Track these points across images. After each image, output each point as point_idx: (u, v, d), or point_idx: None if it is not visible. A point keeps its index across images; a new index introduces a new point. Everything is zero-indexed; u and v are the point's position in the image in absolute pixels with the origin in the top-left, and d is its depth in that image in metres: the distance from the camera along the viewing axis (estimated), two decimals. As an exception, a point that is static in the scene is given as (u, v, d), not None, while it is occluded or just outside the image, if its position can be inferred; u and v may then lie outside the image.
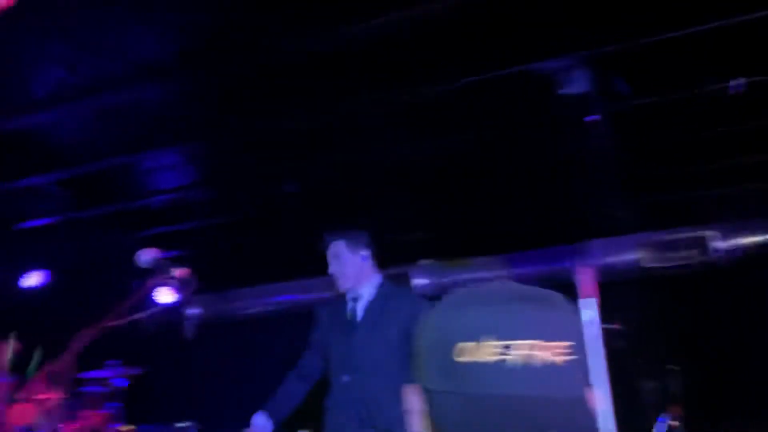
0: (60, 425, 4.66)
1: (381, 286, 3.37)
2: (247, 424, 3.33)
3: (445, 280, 6.63)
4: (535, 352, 0.74)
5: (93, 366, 5.46)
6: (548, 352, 0.74)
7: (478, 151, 5.50)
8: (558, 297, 0.81)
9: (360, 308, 3.30)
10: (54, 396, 2.12)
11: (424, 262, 6.89)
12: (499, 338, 0.74)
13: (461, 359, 0.75)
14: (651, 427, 4.59)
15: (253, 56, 4.12)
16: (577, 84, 4.08)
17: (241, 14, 3.79)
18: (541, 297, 0.80)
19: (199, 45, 4.08)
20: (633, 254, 5.95)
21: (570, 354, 0.75)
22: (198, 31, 4.02)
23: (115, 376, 5.57)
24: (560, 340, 0.75)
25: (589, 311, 3.10)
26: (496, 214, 6.63)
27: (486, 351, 0.74)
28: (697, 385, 5.33)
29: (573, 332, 0.77)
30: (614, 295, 3.66)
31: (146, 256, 2.47)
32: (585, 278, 3.02)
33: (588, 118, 4.25)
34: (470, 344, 0.75)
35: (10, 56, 4.19)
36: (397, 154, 5.53)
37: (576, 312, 0.81)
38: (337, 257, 3.33)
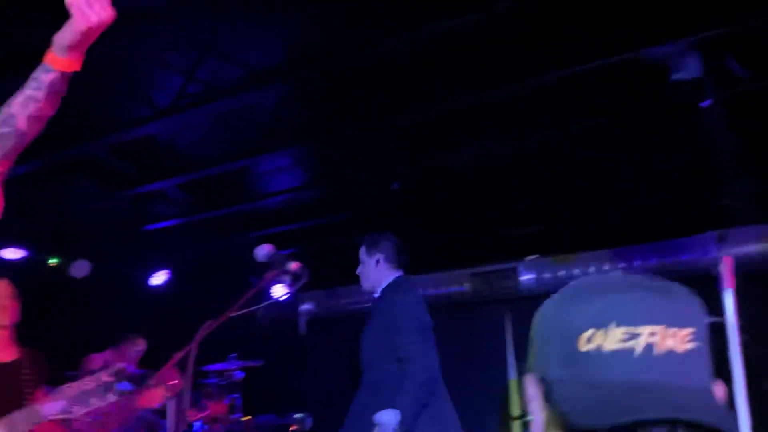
0: (187, 411, 4.96)
1: (387, 286, 3.62)
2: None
3: (550, 276, 6.51)
4: (660, 339, 0.74)
5: (214, 359, 5.75)
6: (672, 339, 0.74)
7: (588, 142, 5.37)
8: (678, 286, 0.81)
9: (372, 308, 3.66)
10: (181, 383, 2.28)
11: (530, 257, 6.80)
12: (625, 325, 0.75)
13: (586, 348, 0.76)
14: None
15: (360, 57, 4.23)
16: (690, 69, 3.92)
17: (348, 17, 3.90)
18: (663, 286, 0.80)
19: (308, 49, 4.23)
20: (759, 245, 5.62)
21: (693, 341, 0.75)
22: (308, 35, 4.17)
23: (234, 369, 5.83)
24: (684, 327, 0.75)
25: (728, 302, 2.99)
26: (606, 206, 6.45)
27: (612, 338, 0.75)
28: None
29: (695, 320, 0.78)
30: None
31: (263, 251, 2.59)
32: (726, 268, 2.91)
33: (702, 104, 4.06)
34: (597, 332, 0.76)
35: (132, 68, 4.51)
36: (505, 149, 5.49)
37: (698, 301, 0.80)
38: (360, 261, 3.72)
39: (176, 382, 2.25)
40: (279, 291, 6.29)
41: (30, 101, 1.76)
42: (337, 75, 4.52)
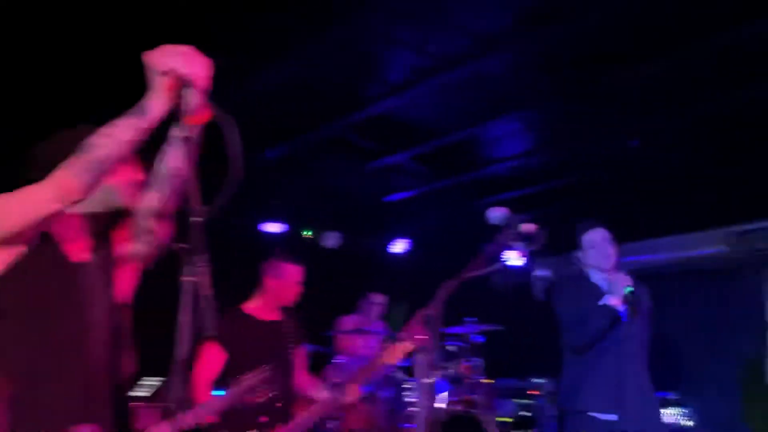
0: (433, 367, 5.21)
1: None
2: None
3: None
4: None
5: (454, 323, 5.95)
6: None
7: None
8: None
9: None
10: (427, 338, 2.42)
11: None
12: None
13: None
14: None
15: (585, 18, 4.07)
16: None
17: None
18: None
19: (534, 13, 4.15)
20: None
21: None
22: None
23: (474, 332, 5.98)
24: None
25: None
26: None
27: None
28: None
29: None
30: None
31: (496, 213, 2.63)
32: None
33: None
34: None
35: (365, 49, 4.77)
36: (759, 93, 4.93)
37: None
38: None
39: (423, 337, 2.39)
40: (513, 256, 6.30)
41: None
42: (561, 35, 4.39)
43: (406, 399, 5.39)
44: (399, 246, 8.20)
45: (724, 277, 6.35)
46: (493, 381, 6.52)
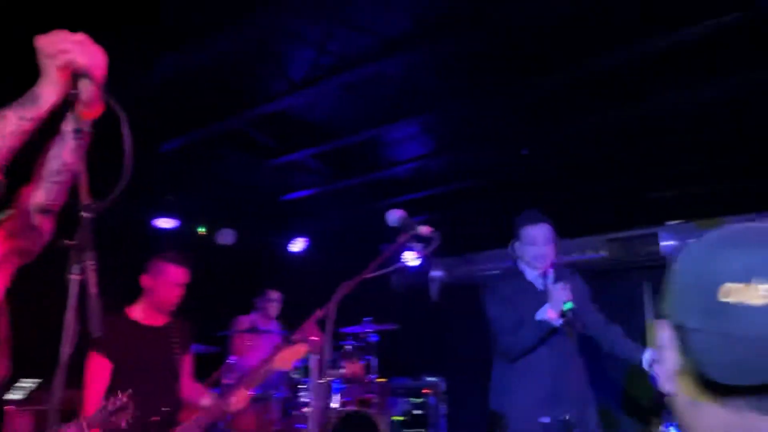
0: (327, 369, 5.20)
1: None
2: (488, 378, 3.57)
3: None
4: None
5: (350, 323, 5.98)
6: None
7: (741, 99, 5.01)
8: None
9: None
10: (321, 339, 2.41)
11: (672, 222, 6.48)
12: None
13: (727, 299, 0.75)
14: None
15: (487, 27, 4.18)
16: None
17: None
18: None
19: (436, 16, 4.22)
20: None
21: None
22: (436, 3, 4.16)
23: (369, 332, 6.03)
24: None
25: None
26: (755, 168, 6.01)
27: (756, 293, 0.73)
28: None
29: None
30: None
31: (395, 215, 2.66)
32: None
33: None
34: (739, 285, 0.74)
35: (268, 44, 4.71)
36: (645, 111, 5.24)
37: None
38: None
39: (317, 338, 2.38)
40: (410, 257, 6.40)
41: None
42: (465, 42, 4.49)
43: (300, 399, 5.37)
44: (297, 245, 8.15)
45: (606, 280, 6.68)
46: (386, 380, 6.60)
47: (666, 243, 6.42)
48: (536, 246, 3.40)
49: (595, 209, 6.87)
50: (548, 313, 3.17)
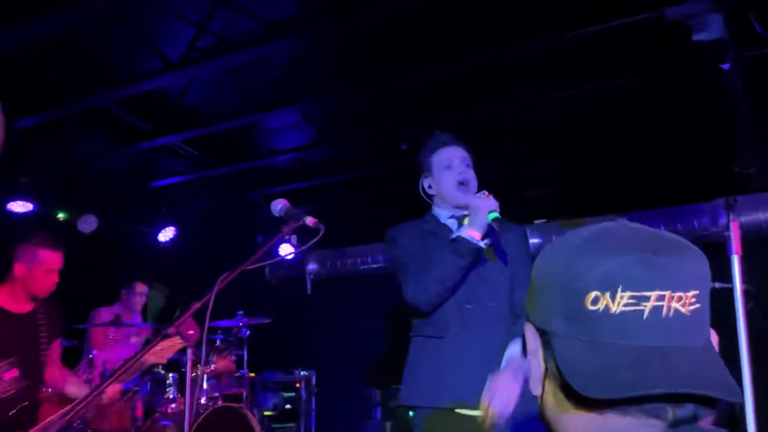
0: (197, 366, 5.01)
1: None
2: (361, 376, 3.44)
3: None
4: (667, 303, 0.74)
5: (221, 316, 5.79)
6: (678, 303, 0.74)
7: (601, 104, 5.31)
8: (687, 243, 0.80)
9: None
10: (197, 333, 2.29)
11: (538, 221, 6.78)
12: (634, 289, 0.74)
13: (594, 308, 0.75)
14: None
15: (373, 13, 4.15)
16: (712, 30, 3.84)
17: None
18: (672, 244, 0.79)
19: (325, 3, 4.15)
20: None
21: (696, 303, 0.75)
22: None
23: (241, 326, 5.87)
24: (689, 290, 0.75)
25: (735, 268, 2.98)
26: (616, 170, 6.40)
27: (619, 302, 0.74)
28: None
29: (700, 281, 0.77)
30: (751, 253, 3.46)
31: (278, 205, 2.57)
32: (735, 234, 2.89)
33: (723, 66, 3.99)
34: (604, 294, 0.74)
35: (142, 19, 4.44)
36: (515, 110, 5.43)
37: (704, 260, 0.79)
38: None
39: (193, 332, 2.25)
40: (286, 249, 6.30)
41: None
42: (351, 30, 4.45)
43: (166, 396, 5.11)
44: (166, 234, 7.78)
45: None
46: (257, 375, 6.46)
47: (533, 241, 6.70)
48: (453, 169, 2.66)
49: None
50: (467, 231, 2.41)
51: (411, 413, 2.54)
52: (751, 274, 3.19)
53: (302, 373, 6.79)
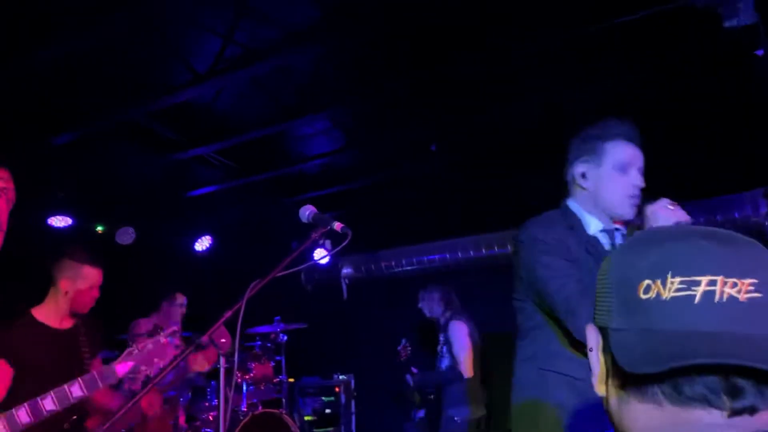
0: (236, 372, 5.07)
1: None
2: (398, 377, 3.39)
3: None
4: (720, 288, 0.73)
5: (259, 322, 5.83)
6: (733, 289, 0.73)
7: (637, 94, 5.22)
8: (741, 236, 0.80)
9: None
10: (230, 341, 2.31)
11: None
12: (684, 275, 0.74)
13: (647, 296, 0.76)
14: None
15: (397, 17, 4.15)
16: (743, 15, 3.75)
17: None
18: (726, 236, 0.79)
19: (345, 8, 4.15)
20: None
21: (756, 292, 0.74)
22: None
23: (278, 331, 5.91)
24: (745, 277, 0.74)
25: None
26: (653, 162, 6.28)
27: (670, 288, 0.74)
28: None
29: (760, 270, 0.75)
30: None
31: (307, 211, 2.58)
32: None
33: (758, 52, 3.89)
34: (655, 282, 0.75)
35: (171, 33, 4.50)
36: (550, 102, 5.36)
37: (762, 249, 0.78)
38: None
39: (225, 340, 2.27)
40: (320, 254, 6.33)
41: None
42: (373, 34, 4.45)
43: (206, 404, 5.18)
44: (203, 243, 7.88)
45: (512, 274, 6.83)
46: (296, 380, 6.50)
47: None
48: (631, 175, 2.16)
49: (503, 205, 6.99)
50: None
51: None
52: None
53: (341, 377, 6.81)
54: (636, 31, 4.12)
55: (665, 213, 2.00)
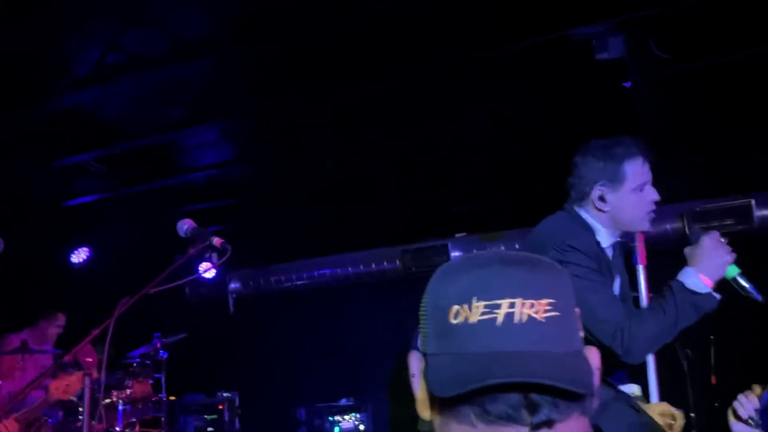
0: (112, 392, 4.84)
1: None
2: (286, 395, 3.37)
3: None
4: (519, 310, 0.77)
5: (141, 339, 5.62)
6: (530, 309, 0.78)
7: (515, 121, 5.45)
8: (544, 259, 0.85)
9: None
10: (96, 360, 2.22)
11: (459, 234, 6.89)
12: (487, 299, 0.78)
13: (456, 321, 0.79)
14: (688, 395, 4.51)
15: (292, 33, 4.15)
16: (614, 49, 4.03)
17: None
18: (527, 258, 0.84)
19: (239, 21, 4.12)
20: (674, 223, 5.84)
21: (553, 311, 0.79)
22: (238, 6, 4.05)
23: (159, 347, 5.72)
24: (542, 298, 0.79)
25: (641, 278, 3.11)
26: (531, 186, 6.57)
27: (475, 312, 0.78)
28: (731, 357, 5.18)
29: (556, 290, 0.81)
30: (654, 264, 3.62)
31: (185, 225, 2.53)
32: (640, 245, 3.02)
33: (626, 84, 4.19)
34: (462, 307, 0.79)
35: (51, 34, 4.29)
36: (436, 127, 5.51)
37: (562, 273, 0.84)
38: None
39: (91, 359, 2.18)
40: (205, 268, 6.18)
41: None
42: (270, 49, 4.43)
43: (77, 424, 4.90)
44: (79, 255, 7.50)
45: (400, 289, 6.92)
46: (177, 398, 6.29)
47: (455, 254, 6.79)
48: (648, 191, 2.19)
49: (391, 221, 7.10)
50: (702, 280, 2.02)
51: None
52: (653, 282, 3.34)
53: (225, 394, 6.65)
54: (511, 61, 4.31)
55: (714, 245, 2.06)
